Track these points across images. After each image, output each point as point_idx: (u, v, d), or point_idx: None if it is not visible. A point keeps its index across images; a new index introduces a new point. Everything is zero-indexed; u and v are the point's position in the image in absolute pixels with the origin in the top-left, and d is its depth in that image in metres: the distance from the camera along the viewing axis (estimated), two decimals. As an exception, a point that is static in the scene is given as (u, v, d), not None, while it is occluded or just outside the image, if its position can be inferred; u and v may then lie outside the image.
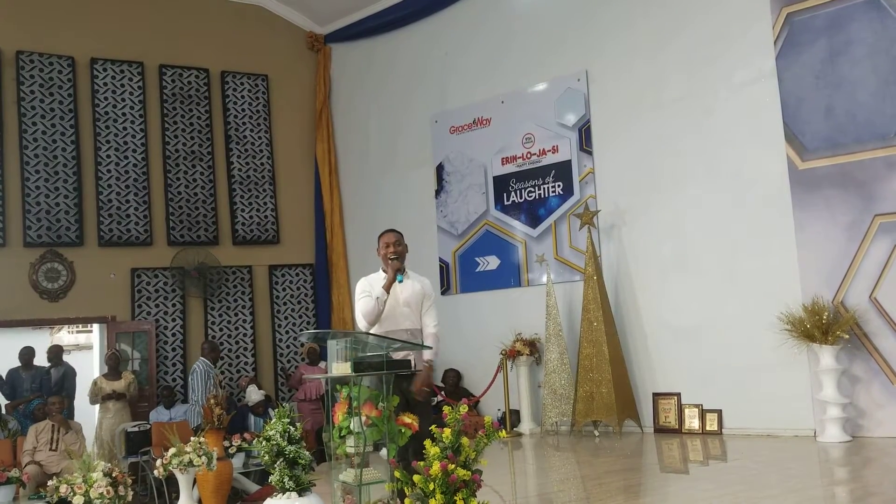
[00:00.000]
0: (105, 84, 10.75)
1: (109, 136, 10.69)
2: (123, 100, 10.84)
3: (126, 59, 10.91)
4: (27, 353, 9.59)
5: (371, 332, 4.76)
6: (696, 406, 8.23)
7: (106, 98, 10.73)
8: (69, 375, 9.73)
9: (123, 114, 10.82)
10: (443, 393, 9.55)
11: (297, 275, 11.72)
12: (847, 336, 7.06)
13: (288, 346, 11.46)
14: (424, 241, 10.77)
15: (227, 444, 7.17)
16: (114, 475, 5.13)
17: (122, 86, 10.86)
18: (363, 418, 3.95)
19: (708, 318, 8.15)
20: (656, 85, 8.75)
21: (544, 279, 9.26)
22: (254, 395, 9.35)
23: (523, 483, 6.81)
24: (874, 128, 7.16)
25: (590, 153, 9.28)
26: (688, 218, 8.42)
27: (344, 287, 11.73)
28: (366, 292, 4.86)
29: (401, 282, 4.88)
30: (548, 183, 9.63)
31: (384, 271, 4.98)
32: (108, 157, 10.65)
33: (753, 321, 7.68)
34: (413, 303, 4.92)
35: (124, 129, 10.79)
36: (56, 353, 9.85)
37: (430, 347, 4.59)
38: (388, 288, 4.85)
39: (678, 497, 5.87)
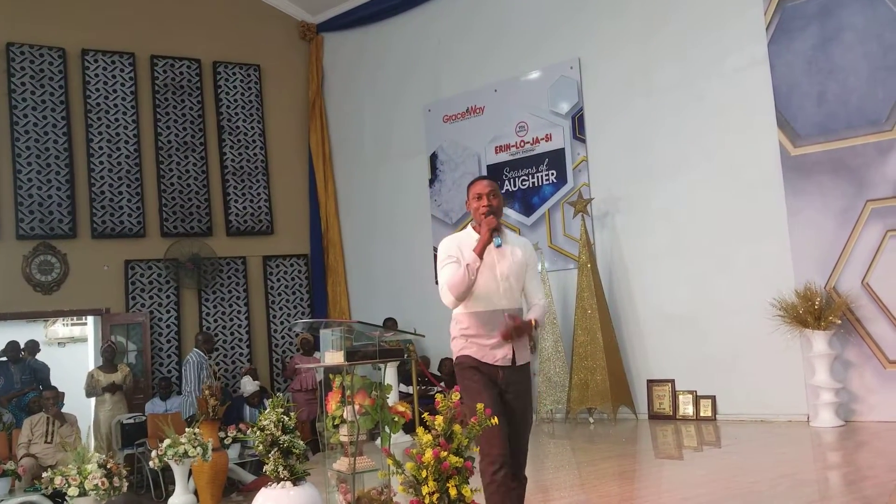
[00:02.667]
0: (96, 75, 10.71)
1: (101, 128, 10.65)
2: (115, 91, 10.79)
3: (117, 49, 10.86)
4: (13, 348, 9.53)
5: (458, 312, 3.76)
6: (691, 392, 8.26)
7: (97, 89, 10.69)
8: (39, 370, 9.62)
9: (115, 105, 10.77)
10: (443, 384, 9.57)
11: (292, 265, 11.71)
12: (839, 321, 7.09)
13: (283, 337, 11.47)
14: (418, 230, 10.79)
15: (222, 434, 7.18)
16: (108, 467, 5.14)
17: (114, 77, 10.81)
18: (356, 407, 3.96)
19: (701, 304, 8.18)
20: (649, 72, 8.74)
21: (538, 267, 9.26)
22: (248, 385, 9.35)
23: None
24: (866, 113, 7.17)
25: (583, 141, 9.27)
26: (681, 205, 8.42)
27: (340, 276, 11.74)
28: (452, 257, 3.70)
29: (498, 246, 3.68)
30: (541, 171, 9.62)
31: (475, 230, 3.79)
32: (101, 148, 10.61)
33: (747, 307, 7.70)
34: (514, 275, 3.75)
35: (116, 120, 10.75)
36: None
37: (422, 335, 4.42)
38: (480, 252, 3.65)
39: (672, 483, 5.90)
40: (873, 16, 7.14)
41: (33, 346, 9.71)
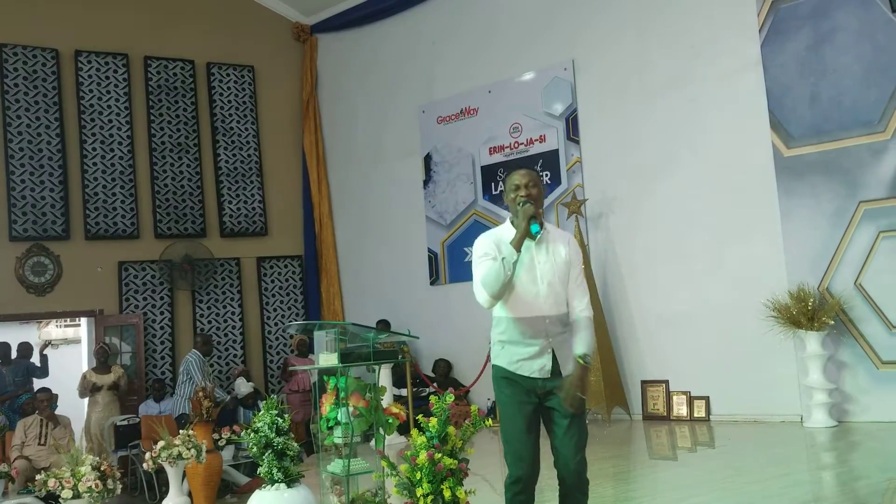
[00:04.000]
0: (90, 76, 10.68)
1: (95, 129, 10.62)
2: (108, 92, 10.76)
3: (111, 51, 10.83)
4: (4, 348, 9.52)
5: (499, 314, 3.44)
6: (684, 393, 8.27)
7: (91, 90, 10.66)
8: (35, 371, 9.62)
9: (109, 106, 10.75)
10: (435, 384, 9.58)
11: (286, 266, 11.70)
12: (832, 322, 7.10)
13: (277, 338, 11.45)
14: (413, 231, 10.79)
15: (216, 436, 7.17)
16: (102, 469, 5.13)
17: (107, 78, 10.78)
18: (350, 409, 3.96)
19: (695, 305, 8.19)
20: (643, 73, 8.76)
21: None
22: (242, 387, 9.34)
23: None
24: (859, 115, 7.19)
25: (577, 142, 9.28)
26: (675, 206, 8.44)
27: (334, 278, 11.73)
28: (489, 255, 3.38)
29: (535, 234, 3.35)
30: (535, 172, 9.62)
31: (514, 225, 3.44)
32: (94, 149, 10.58)
33: (740, 308, 7.72)
34: (558, 276, 3.42)
35: (110, 121, 10.72)
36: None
37: (416, 337, 4.39)
38: (518, 244, 3.31)
39: (666, 484, 5.91)
40: (866, 17, 7.17)
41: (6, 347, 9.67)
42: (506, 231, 3.46)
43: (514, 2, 9.99)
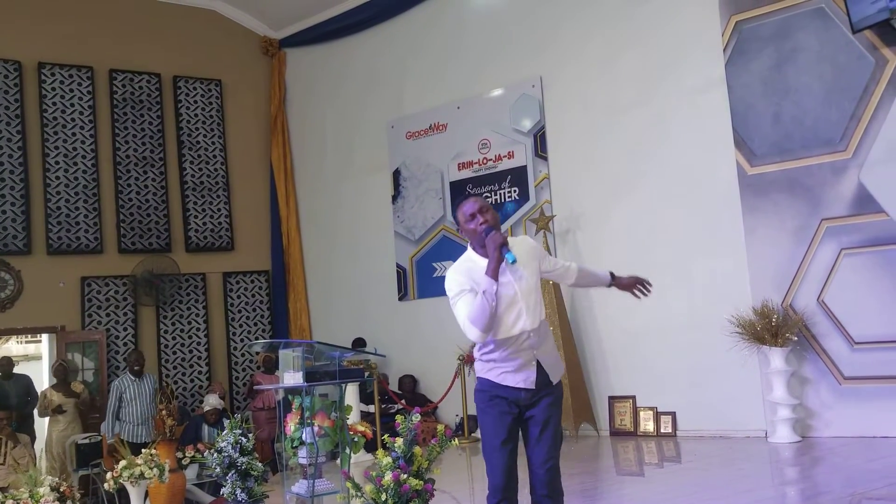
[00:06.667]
0: (53, 89, 10.53)
1: (58, 142, 10.47)
2: (72, 105, 10.62)
3: (75, 63, 10.70)
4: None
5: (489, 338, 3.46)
6: (651, 409, 8.31)
7: (54, 103, 10.51)
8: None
9: (72, 119, 10.60)
10: (403, 401, 9.52)
11: (253, 282, 11.59)
12: (796, 338, 7.19)
13: (243, 355, 11.33)
14: (381, 246, 10.76)
15: (180, 455, 7.05)
16: (61, 489, 5.02)
17: (72, 91, 10.64)
18: (316, 428, 3.91)
19: (662, 321, 8.23)
20: (610, 91, 8.84)
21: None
22: (212, 399, 9.19)
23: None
24: (820, 134, 7.31)
25: (545, 159, 9.34)
26: (641, 222, 8.51)
27: (301, 293, 11.65)
28: (465, 289, 3.38)
29: (513, 262, 3.36)
30: (504, 188, 9.66)
31: (475, 251, 3.50)
32: (57, 163, 10.42)
33: (706, 324, 7.78)
34: (533, 286, 3.49)
35: (73, 134, 10.58)
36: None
37: (382, 356, 4.37)
38: (494, 273, 3.32)
39: (633, 500, 5.92)
40: (827, 38, 7.30)
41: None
42: (474, 260, 3.46)
43: (483, 19, 10.05)
